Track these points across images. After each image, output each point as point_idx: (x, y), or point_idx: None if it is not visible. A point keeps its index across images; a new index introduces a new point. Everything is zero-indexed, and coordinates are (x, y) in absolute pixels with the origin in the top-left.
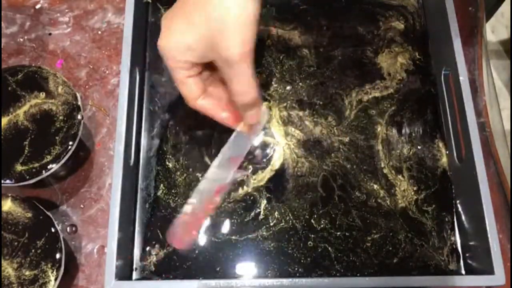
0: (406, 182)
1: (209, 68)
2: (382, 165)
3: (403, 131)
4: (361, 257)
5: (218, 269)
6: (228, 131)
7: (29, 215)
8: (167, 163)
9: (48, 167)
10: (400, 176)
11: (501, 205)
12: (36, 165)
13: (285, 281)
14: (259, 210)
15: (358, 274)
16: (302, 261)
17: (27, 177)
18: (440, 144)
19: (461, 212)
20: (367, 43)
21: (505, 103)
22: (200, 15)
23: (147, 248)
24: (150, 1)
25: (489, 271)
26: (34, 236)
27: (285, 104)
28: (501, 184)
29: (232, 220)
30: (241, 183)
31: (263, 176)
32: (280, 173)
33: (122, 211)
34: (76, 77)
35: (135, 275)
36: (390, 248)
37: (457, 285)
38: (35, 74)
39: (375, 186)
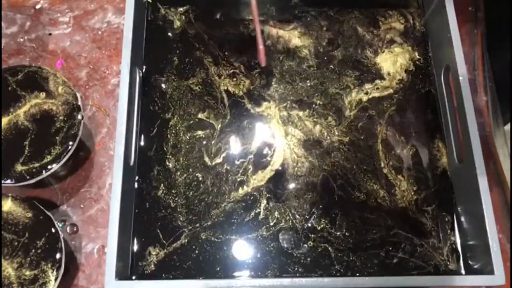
0: (406, 182)
1: None
2: (382, 165)
3: (403, 131)
4: (361, 257)
5: (218, 269)
6: (227, 131)
7: (29, 215)
8: (167, 163)
9: (48, 167)
10: (400, 176)
11: (501, 205)
12: (36, 165)
13: (285, 281)
14: (259, 210)
15: (358, 274)
16: (302, 261)
17: (27, 177)
18: (440, 144)
19: (461, 212)
20: (367, 43)
21: None
22: None
23: (147, 248)
24: (150, 1)
25: (489, 271)
26: (34, 236)
27: (285, 104)
28: (501, 184)
29: (232, 220)
30: (241, 183)
31: (263, 176)
32: (280, 173)
33: (122, 211)
34: (76, 77)
35: (135, 275)
36: (390, 248)
37: (457, 285)
38: (35, 74)
39: (375, 186)
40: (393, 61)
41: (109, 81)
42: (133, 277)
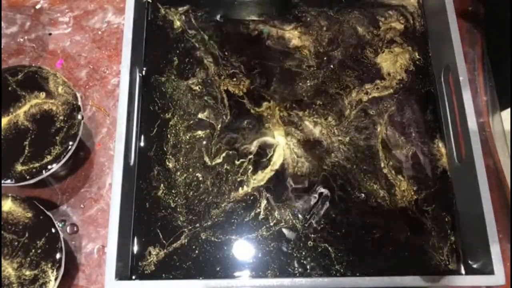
0: (406, 182)
1: None
2: (382, 165)
3: (403, 131)
4: (361, 257)
5: (218, 269)
6: (227, 131)
7: (29, 215)
8: (167, 163)
9: (48, 167)
10: (400, 176)
11: (501, 205)
12: (36, 165)
13: (285, 281)
14: (259, 210)
15: (358, 274)
16: (302, 261)
17: (27, 177)
18: (440, 144)
19: (461, 212)
20: (367, 43)
21: None
22: None
23: (147, 248)
24: (150, 1)
25: (489, 271)
26: (34, 236)
27: (285, 104)
28: (501, 184)
29: (232, 220)
30: (241, 183)
31: (263, 176)
32: (280, 173)
33: (122, 211)
34: (76, 77)
35: (135, 275)
36: (390, 248)
37: (457, 285)
38: (35, 74)
39: (375, 186)
40: (393, 61)
41: (109, 81)
42: (133, 277)
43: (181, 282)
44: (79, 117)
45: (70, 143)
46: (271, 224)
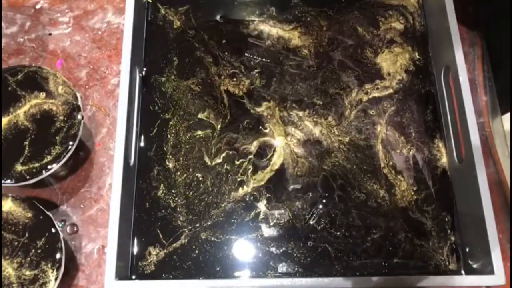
0: (406, 182)
1: None
2: (382, 165)
3: (403, 131)
4: (361, 257)
5: (218, 269)
6: (227, 131)
7: (29, 215)
8: (167, 163)
9: (48, 167)
10: (400, 176)
11: (501, 205)
12: (36, 165)
13: (285, 281)
14: (259, 210)
15: (358, 274)
16: (302, 261)
17: (27, 177)
18: (440, 144)
19: (461, 212)
20: (367, 43)
21: None
22: None
23: (147, 248)
24: (150, 1)
25: (489, 271)
26: (34, 236)
27: (285, 104)
28: (501, 184)
29: (232, 220)
30: (241, 183)
31: (263, 176)
32: (280, 173)
33: (122, 211)
34: (76, 77)
35: (135, 275)
36: (390, 248)
37: (457, 285)
38: (35, 74)
39: (375, 186)
40: (393, 61)
41: (109, 81)
42: (133, 277)
43: (181, 282)
44: (79, 117)
45: (70, 143)
46: (271, 224)
